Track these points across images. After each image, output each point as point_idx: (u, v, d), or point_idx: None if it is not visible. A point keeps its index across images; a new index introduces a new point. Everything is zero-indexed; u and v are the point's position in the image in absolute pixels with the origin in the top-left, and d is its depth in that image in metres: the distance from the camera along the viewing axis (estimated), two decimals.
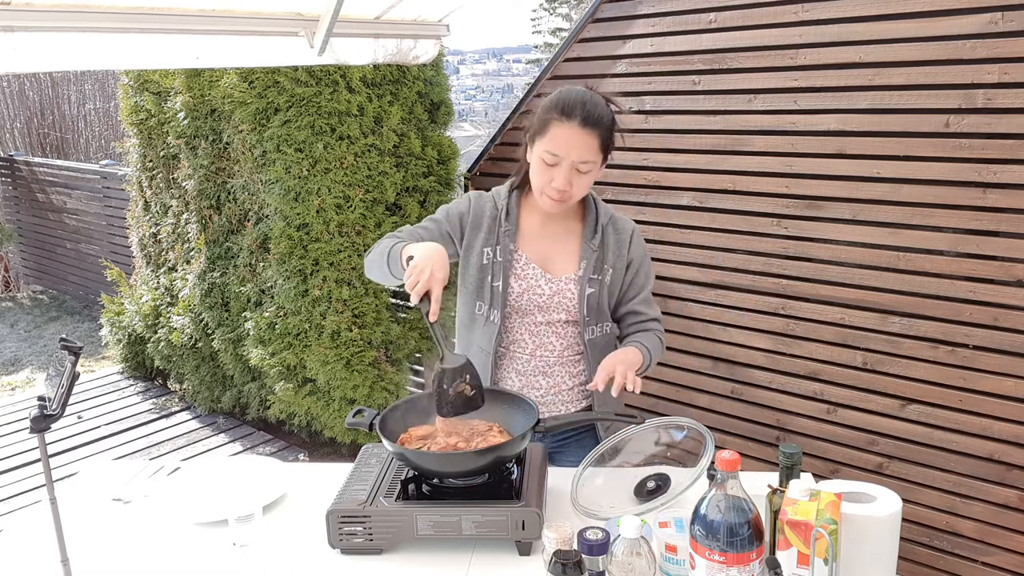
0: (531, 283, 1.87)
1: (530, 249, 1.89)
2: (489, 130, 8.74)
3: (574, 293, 1.86)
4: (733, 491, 1.19)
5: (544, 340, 1.90)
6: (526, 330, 1.91)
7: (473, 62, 53.72)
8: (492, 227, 1.89)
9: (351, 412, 1.66)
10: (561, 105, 1.73)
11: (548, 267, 1.88)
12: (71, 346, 1.29)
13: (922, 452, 2.86)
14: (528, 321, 1.90)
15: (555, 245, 1.90)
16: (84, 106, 10.21)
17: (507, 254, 1.87)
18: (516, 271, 1.87)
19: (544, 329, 1.90)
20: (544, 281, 1.87)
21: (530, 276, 1.87)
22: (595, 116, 1.72)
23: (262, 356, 3.74)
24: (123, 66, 4.09)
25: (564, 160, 1.73)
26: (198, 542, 1.60)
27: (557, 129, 1.72)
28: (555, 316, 1.88)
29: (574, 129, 1.71)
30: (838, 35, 2.80)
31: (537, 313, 1.88)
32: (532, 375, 1.92)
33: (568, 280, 1.87)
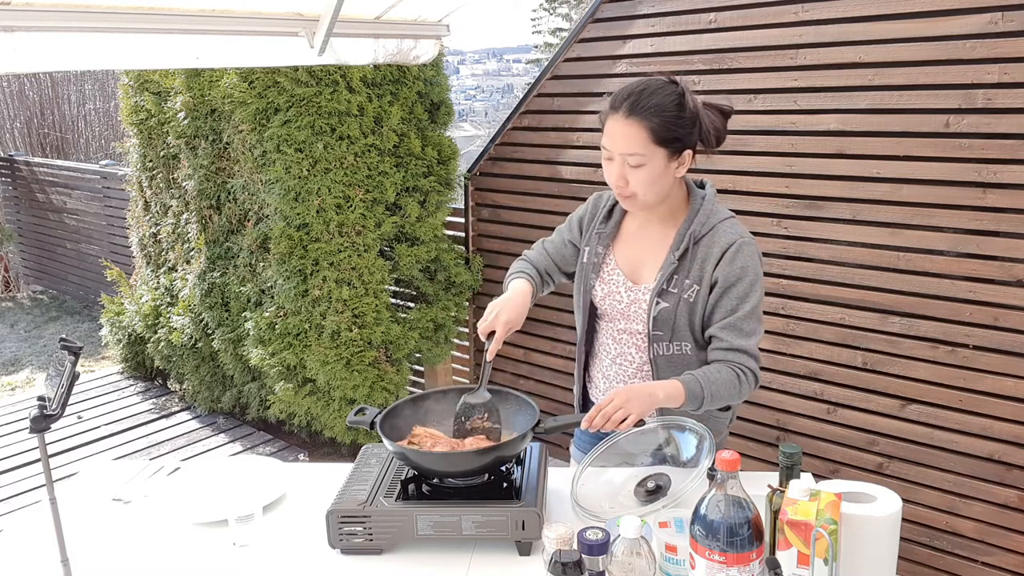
0: (612, 288, 1.82)
1: (621, 254, 1.84)
2: (489, 130, 8.74)
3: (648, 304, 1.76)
4: (733, 491, 1.19)
5: (624, 349, 1.85)
6: (610, 336, 1.87)
7: (473, 62, 53.71)
8: (591, 227, 1.88)
9: (353, 411, 1.66)
10: (612, 97, 1.66)
11: (633, 274, 1.80)
12: (71, 346, 1.29)
13: (922, 452, 2.86)
14: (612, 327, 1.86)
15: (645, 252, 1.80)
16: (84, 106, 10.21)
17: (596, 256, 1.85)
18: (603, 275, 1.84)
19: (625, 338, 1.84)
20: (624, 288, 1.80)
21: (613, 281, 1.82)
22: (643, 105, 1.60)
23: (262, 356, 3.74)
24: (123, 66, 4.09)
25: (614, 154, 1.65)
26: (198, 542, 1.60)
27: (607, 122, 1.66)
28: (634, 326, 1.81)
29: (618, 121, 1.63)
30: (838, 35, 2.80)
31: (619, 320, 1.84)
32: (614, 381, 1.88)
33: (646, 290, 1.77)
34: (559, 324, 3.84)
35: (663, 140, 1.62)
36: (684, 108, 1.63)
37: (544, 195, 3.78)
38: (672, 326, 1.74)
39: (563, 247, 1.94)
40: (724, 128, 1.70)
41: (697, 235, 1.73)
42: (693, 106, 1.64)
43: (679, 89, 1.65)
